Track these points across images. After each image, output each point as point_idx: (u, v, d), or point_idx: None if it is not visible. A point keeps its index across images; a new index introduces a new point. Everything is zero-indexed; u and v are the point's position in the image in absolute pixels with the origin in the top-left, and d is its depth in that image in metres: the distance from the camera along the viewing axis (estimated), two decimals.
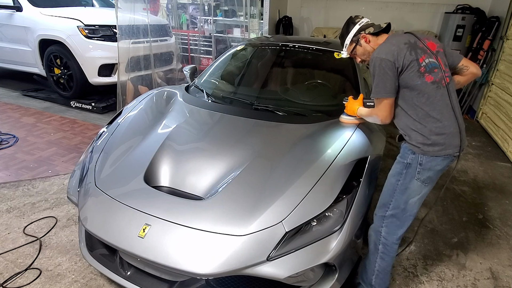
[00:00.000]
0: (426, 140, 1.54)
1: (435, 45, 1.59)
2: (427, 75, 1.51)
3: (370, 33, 1.68)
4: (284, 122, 2.21)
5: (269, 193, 1.67)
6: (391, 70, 1.51)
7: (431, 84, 1.52)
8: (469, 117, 5.25)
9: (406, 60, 1.50)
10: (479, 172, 3.54)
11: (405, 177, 1.63)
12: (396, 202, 1.66)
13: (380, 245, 1.74)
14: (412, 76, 1.51)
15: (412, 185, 1.62)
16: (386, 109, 1.60)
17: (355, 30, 1.70)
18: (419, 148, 1.56)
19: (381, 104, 1.61)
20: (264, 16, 5.74)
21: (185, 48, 6.47)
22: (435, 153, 1.55)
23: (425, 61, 1.52)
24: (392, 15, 6.03)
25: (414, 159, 1.59)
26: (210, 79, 2.94)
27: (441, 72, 1.54)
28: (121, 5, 4.23)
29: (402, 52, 1.51)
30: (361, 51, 1.73)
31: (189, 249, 1.50)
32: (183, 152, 1.98)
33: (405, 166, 1.62)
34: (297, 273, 1.49)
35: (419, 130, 1.56)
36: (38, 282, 1.93)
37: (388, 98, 1.57)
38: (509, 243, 2.49)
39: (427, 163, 1.57)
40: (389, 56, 1.50)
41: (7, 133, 3.80)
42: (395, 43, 1.54)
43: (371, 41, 1.68)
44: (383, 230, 1.72)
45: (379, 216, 1.74)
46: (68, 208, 2.58)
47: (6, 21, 4.82)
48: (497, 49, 4.77)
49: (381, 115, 1.64)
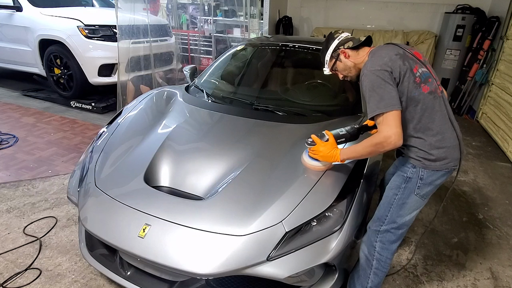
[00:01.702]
0: (428, 155, 1.47)
1: (420, 55, 1.54)
2: (423, 85, 1.44)
3: (349, 47, 1.60)
4: (284, 122, 2.21)
5: (269, 193, 1.67)
6: (391, 80, 1.41)
7: (429, 95, 1.45)
8: (469, 117, 5.25)
9: (401, 70, 1.42)
10: (479, 172, 3.54)
11: (403, 191, 1.56)
12: (392, 217, 1.60)
13: (374, 260, 1.67)
14: (409, 87, 1.43)
15: (410, 200, 1.55)
16: (397, 123, 1.39)
17: (334, 45, 1.62)
18: (421, 162, 1.49)
19: (390, 120, 1.39)
20: (264, 16, 5.74)
21: (185, 48, 6.47)
22: (437, 167, 1.49)
23: (418, 71, 1.45)
24: (392, 15, 6.03)
25: (414, 173, 1.52)
26: (210, 79, 2.94)
27: (434, 81, 1.49)
28: (121, 5, 4.23)
29: (396, 62, 1.42)
30: (342, 66, 1.64)
31: (189, 249, 1.49)
32: (183, 152, 1.98)
33: (405, 180, 1.55)
34: (297, 273, 1.49)
35: (419, 145, 1.49)
36: (38, 282, 1.93)
37: (397, 110, 1.39)
38: (509, 243, 2.49)
39: (428, 178, 1.51)
40: (384, 66, 1.41)
41: (7, 133, 3.80)
42: (385, 55, 1.45)
43: (350, 56, 1.60)
44: (378, 245, 1.65)
45: (373, 230, 1.66)
46: (68, 208, 2.58)
47: (6, 21, 4.82)
48: (497, 49, 4.77)
49: (393, 133, 1.38)
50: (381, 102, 1.39)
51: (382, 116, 1.40)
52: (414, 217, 1.62)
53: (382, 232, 1.64)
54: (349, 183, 1.75)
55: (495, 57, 4.75)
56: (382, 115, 1.40)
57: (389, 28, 6.06)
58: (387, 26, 6.10)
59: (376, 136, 1.45)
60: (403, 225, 1.61)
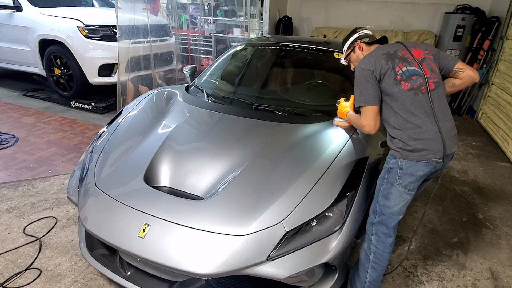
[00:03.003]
0: (405, 145, 1.58)
1: (422, 52, 1.64)
2: (403, 82, 1.57)
3: (364, 42, 1.80)
4: (284, 122, 2.21)
5: (269, 193, 1.67)
6: (372, 79, 1.60)
7: (408, 91, 1.57)
8: (469, 117, 5.25)
9: (382, 70, 1.59)
10: (479, 172, 3.54)
11: (386, 181, 1.66)
12: (380, 208, 1.68)
13: (371, 254, 1.73)
14: (389, 84, 1.58)
15: (393, 190, 1.63)
16: (371, 117, 1.63)
17: (354, 37, 1.84)
18: (399, 153, 1.60)
19: (366, 113, 1.65)
20: (264, 16, 5.74)
21: (185, 48, 6.47)
22: (415, 158, 1.57)
23: (401, 69, 1.59)
24: (392, 15, 6.04)
25: (395, 164, 1.63)
26: (210, 79, 2.94)
27: (422, 79, 1.58)
28: (121, 5, 4.23)
29: (379, 62, 1.61)
30: (355, 57, 1.84)
31: (189, 249, 1.50)
32: (183, 152, 1.98)
33: (387, 171, 1.67)
34: (297, 273, 1.49)
35: (398, 136, 1.60)
36: (38, 282, 1.93)
37: (372, 106, 1.62)
38: (509, 243, 2.49)
39: (407, 168, 1.59)
40: (368, 65, 1.61)
41: (7, 133, 3.80)
42: (374, 54, 1.65)
43: (364, 49, 1.79)
44: (373, 238, 1.72)
45: (369, 223, 1.75)
46: (68, 208, 2.58)
47: (6, 21, 4.82)
48: (497, 49, 4.77)
49: (366, 124, 1.65)
50: (361, 96, 1.64)
51: (362, 108, 1.67)
52: (402, 209, 1.67)
53: (376, 225, 1.71)
54: (349, 183, 1.75)
55: (495, 57, 4.76)
56: (362, 107, 1.66)
57: (389, 28, 6.06)
58: (387, 26, 6.10)
59: (358, 119, 1.74)
60: (392, 216, 1.66)
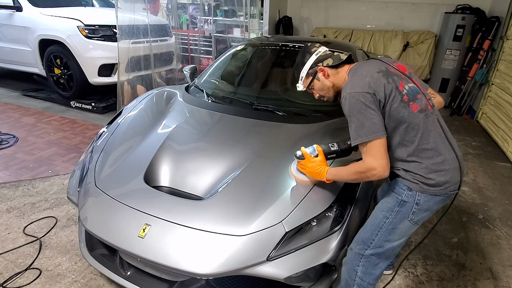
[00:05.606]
0: (426, 179, 1.31)
1: (405, 68, 1.38)
2: (411, 103, 1.28)
3: (328, 65, 1.45)
4: (284, 122, 2.21)
5: (269, 193, 1.67)
6: (374, 104, 1.25)
7: (419, 113, 1.28)
8: (469, 117, 5.25)
9: (386, 90, 1.26)
10: (479, 172, 3.54)
11: (396, 215, 1.39)
12: (379, 242, 1.44)
13: (354, 286, 1.55)
14: (396, 107, 1.26)
15: (402, 225, 1.40)
16: (381, 154, 1.26)
17: (312, 61, 1.47)
18: (418, 185, 1.32)
19: (373, 149, 1.26)
20: (264, 16, 5.74)
21: (185, 48, 6.47)
22: (436, 192, 1.33)
23: (405, 87, 1.29)
24: (392, 15, 6.04)
25: (410, 197, 1.35)
26: (210, 79, 2.94)
27: (424, 97, 1.33)
28: (121, 5, 4.23)
29: (379, 81, 1.27)
30: (319, 86, 1.50)
31: (189, 249, 1.49)
32: (183, 152, 1.98)
33: (399, 203, 1.38)
34: (297, 273, 1.49)
35: (414, 169, 1.32)
36: (38, 282, 1.93)
37: (381, 138, 1.25)
38: (509, 243, 2.49)
39: (425, 203, 1.34)
40: (366, 88, 1.25)
41: (7, 133, 3.81)
42: (366, 74, 1.30)
43: (330, 75, 1.46)
44: (360, 270, 1.51)
45: (356, 253, 1.51)
46: (68, 208, 2.58)
47: (6, 21, 4.82)
48: (497, 49, 4.77)
49: (377, 164, 1.26)
50: (362, 129, 1.26)
51: (365, 145, 1.27)
52: (402, 244, 1.48)
53: (366, 257, 1.48)
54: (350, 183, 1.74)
55: (495, 57, 4.75)
56: (365, 144, 1.27)
57: (389, 28, 6.06)
58: (387, 26, 6.11)
59: (360, 164, 1.32)
60: (390, 251, 1.47)
